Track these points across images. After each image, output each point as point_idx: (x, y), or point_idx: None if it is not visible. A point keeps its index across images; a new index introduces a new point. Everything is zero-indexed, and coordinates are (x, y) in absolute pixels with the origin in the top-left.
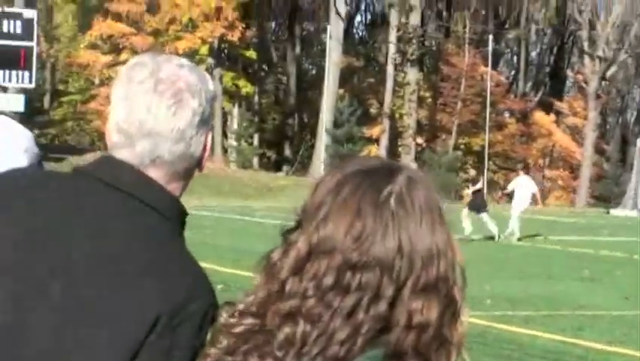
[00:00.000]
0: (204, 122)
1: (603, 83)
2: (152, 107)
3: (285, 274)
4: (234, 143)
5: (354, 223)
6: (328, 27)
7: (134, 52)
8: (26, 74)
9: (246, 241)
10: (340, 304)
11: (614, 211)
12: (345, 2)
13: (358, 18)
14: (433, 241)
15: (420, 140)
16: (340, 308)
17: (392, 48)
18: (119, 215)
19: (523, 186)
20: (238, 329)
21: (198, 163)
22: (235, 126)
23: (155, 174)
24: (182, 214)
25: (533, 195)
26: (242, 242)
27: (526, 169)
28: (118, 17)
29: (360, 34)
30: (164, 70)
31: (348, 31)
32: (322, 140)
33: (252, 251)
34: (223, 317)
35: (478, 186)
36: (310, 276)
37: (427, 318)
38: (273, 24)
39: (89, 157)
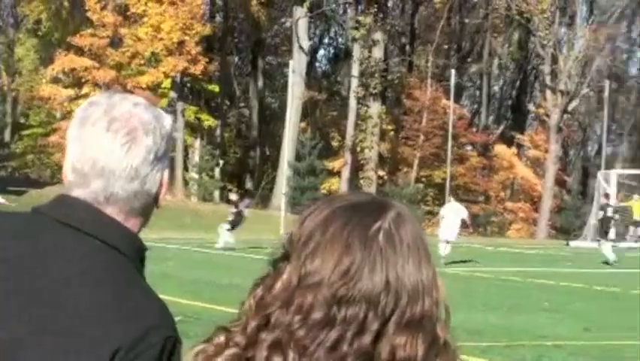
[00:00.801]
0: (159, 159)
1: (565, 116)
2: (105, 146)
3: (271, 305)
4: (196, 176)
5: (343, 258)
6: (291, 61)
7: (96, 86)
8: None
9: (206, 273)
10: (325, 336)
11: (573, 243)
12: (309, 37)
13: (321, 52)
14: (419, 277)
15: (381, 172)
16: (325, 341)
17: (355, 82)
18: (76, 254)
19: (454, 211)
20: (220, 359)
21: (155, 200)
22: (197, 159)
23: (111, 211)
24: (140, 250)
25: (463, 221)
26: (203, 274)
27: (457, 197)
28: (80, 51)
29: (323, 68)
30: (118, 108)
31: (311, 65)
32: (284, 173)
33: (212, 283)
34: (202, 346)
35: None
36: (296, 308)
37: (409, 354)
38: (236, 58)
39: (49, 190)
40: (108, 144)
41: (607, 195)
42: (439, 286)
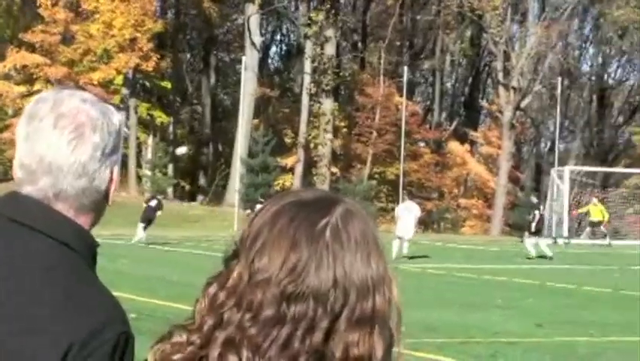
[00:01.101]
0: (107, 155)
1: (517, 113)
2: (52, 143)
3: (224, 304)
4: (149, 172)
5: (290, 255)
6: (243, 58)
7: (49, 82)
8: None
9: (160, 270)
10: (277, 334)
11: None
12: (261, 33)
13: (274, 49)
14: (368, 274)
15: (335, 169)
16: (277, 338)
17: (307, 78)
18: (25, 251)
19: (408, 210)
20: (176, 357)
21: (105, 196)
22: (149, 156)
23: (61, 208)
24: (92, 247)
25: (417, 218)
26: (156, 271)
27: (411, 194)
28: (32, 48)
29: (276, 64)
30: (66, 105)
31: (263, 62)
32: (237, 169)
33: (166, 280)
34: (160, 345)
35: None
36: (247, 306)
37: (363, 352)
38: (188, 55)
39: (2, 187)
40: (55, 141)
41: (537, 196)
42: (390, 283)
